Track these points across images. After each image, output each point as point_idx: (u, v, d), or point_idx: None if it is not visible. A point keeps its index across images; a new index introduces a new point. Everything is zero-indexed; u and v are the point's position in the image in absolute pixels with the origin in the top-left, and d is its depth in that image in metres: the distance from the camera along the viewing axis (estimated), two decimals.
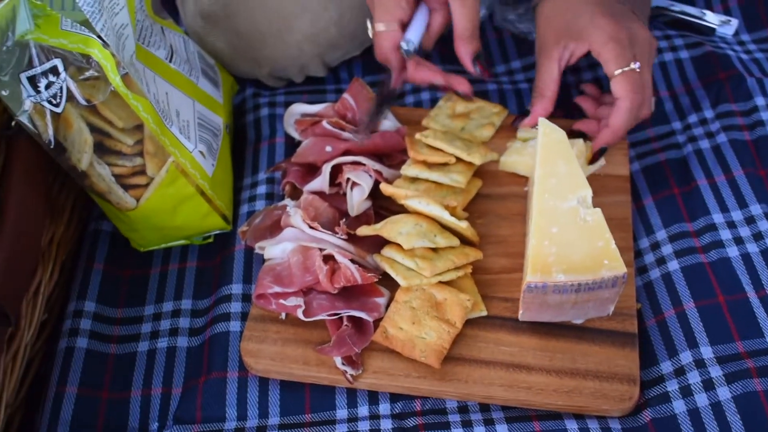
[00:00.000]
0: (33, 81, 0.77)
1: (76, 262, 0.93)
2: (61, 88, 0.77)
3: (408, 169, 0.90)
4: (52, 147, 0.80)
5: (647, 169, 0.92)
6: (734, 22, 1.04)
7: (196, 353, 0.85)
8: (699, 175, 0.89)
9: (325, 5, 0.99)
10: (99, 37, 0.76)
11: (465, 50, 0.91)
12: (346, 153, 0.91)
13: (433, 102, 1.01)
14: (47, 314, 0.88)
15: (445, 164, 0.90)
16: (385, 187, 0.86)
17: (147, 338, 0.86)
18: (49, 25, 0.75)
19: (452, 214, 0.83)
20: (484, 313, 0.82)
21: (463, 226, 0.82)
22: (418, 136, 0.92)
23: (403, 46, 0.90)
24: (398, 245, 0.82)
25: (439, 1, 0.90)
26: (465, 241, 0.85)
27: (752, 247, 0.83)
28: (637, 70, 0.83)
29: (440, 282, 0.82)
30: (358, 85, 0.97)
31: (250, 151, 0.99)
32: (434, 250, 0.83)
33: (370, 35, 0.92)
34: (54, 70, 0.77)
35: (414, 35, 0.90)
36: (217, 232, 0.93)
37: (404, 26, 0.91)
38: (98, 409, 0.81)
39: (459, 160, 0.91)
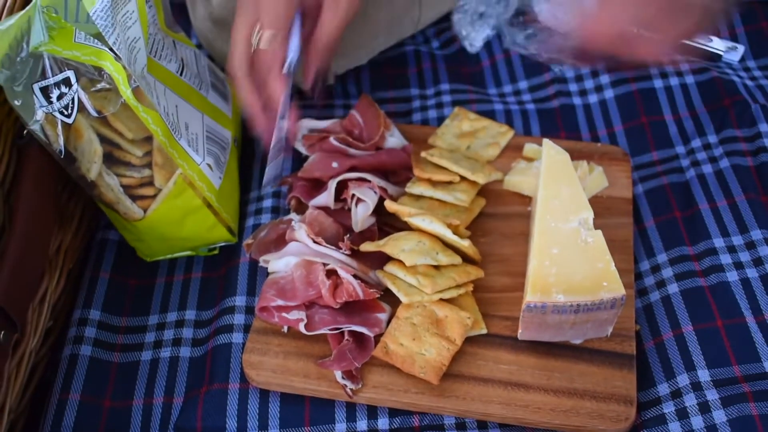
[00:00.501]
0: (45, 92, 0.78)
1: (82, 271, 0.94)
2: (72, 99, 0.79)
3: (412, 187, 0.91)
4: (62, 156, 0.81)
5: (650, 192, 0.93)
6: (740, 49, 1.05)
7: (198, 364, 0.85)
8: (701, 200, 0.90)
9: None
10: (111, 50, 0.77)
11: (315, 60, 0.87)
12: (352, 169, 0.92)
13: (440, 120, 1.02)
14: (53, 321, 0.89)
15: (449, 183, 0.91)
16: (389, 204, 0.87)
17: (150, 347, 0.87)
18: (62, 38, 0.77)
19: (455, 233, 0.84)
20: (484, 331, 0.82)
21: (465, 244, 0.83)
22: (423, 154, 0.93)
23: (286, 69, 0.82)
24: (401, 262, 0.83)
25: (314, 10, 0.84)
26: (467, 259, 0.86)
27: (752, 272, 0.84)
28: None
29: (441, 299, 0.83)
30: (366, 102, 0.98)
31: (258, 165, 1.00)
32: (436, 267, 0.84)
33: (254, 44, 0.84)
34: (66, 82, 0.78)
35: (294, 56, 0.83)
36: (223, 244, 0.94)
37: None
38: (100, 417, 0.82)
39: (463, 178, 0.92)
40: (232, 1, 0.98)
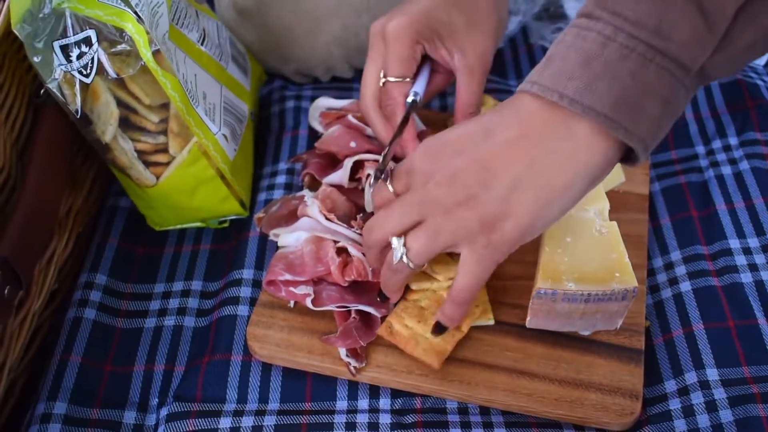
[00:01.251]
0: (65, 50, 0.78)
1: (91, 236, 0.93)
2: (92, 59, 0.78)
3: None
4: (78, 117, 0.81)
5: (667, 190, 0.92)
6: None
7: (202, 334, 0.85)
8: (718, 200, 0.89)
9: (359, 12, 1.00)
10: (134, 12, 0.77)
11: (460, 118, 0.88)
12: (368, 152, 0.91)
13: None
14: (58, 284, 0.89)
15: None
16: None
17: (155, 315, 0.87)
18: None
19: None
20: (492, 322, 0.81)
21: None
22: None
23: (411, 97, 0.84)
24: None
25: (444, 66, 0.86)
26: None
27: (766, 275, 0.82)
28: None
29: None
30: None
31: (273, 141, 1.00)
32: (451, 255, 0.83)
33: (380, 84, 0.86)
34: (87, 41, 0.78)
35: (420, 88, 0.85)
36: (234, 217, 0.93)
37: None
38: (100, 380, 0.82)
39: None
40: None
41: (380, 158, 0.84)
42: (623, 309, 0.76)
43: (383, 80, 0.84)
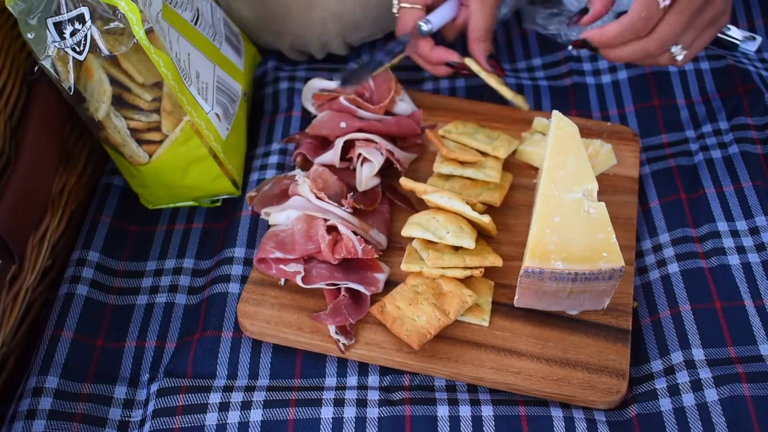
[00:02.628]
0: (59, 27, 0.78)
1: (84, 214, 0.94)
2: (85, 36, 0.79)
3: (440, 167, 0.91)
4: (71, 94, 0.81)
5: (657, 174, 0.92)
6: (758, 40, 1.04)
7: (193, 311, 0.85)
8: (707, 184, 0.90)
9: None
10: None
11: (478, 50, 0.94)
12: (360, 131, 0.92)
13: (451, 90, 1.02)
14: (51, 261, 0.89)
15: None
16: (405, 182, 0.86)
17: (146, 292, 0.88)
18: None
19: (473, 209, 0.83)
20: (486, 323, 0.81)
21: (485, 220, 0.82)
22: (441, 132, 0.93)
23: (422, 25, 0.92)
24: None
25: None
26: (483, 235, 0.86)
27: (753, 257, 0.83)
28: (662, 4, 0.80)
29: (453, 277, 0.82)
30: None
31: (266, 122, 1.00)
32: (455, 248, 0.83)
33: (395, 11, 0.93)
34: (80, 18, 0.78)
35: (435, 19, 0.92)
36: (226, 196, 0.94)
37: (429, 10, 0.92)
38: (92, 355, 0.82)
39: (486, 154, 0.91)
40: None
41: (371, 136, 0.85)
42: (610, 288, 0.77)
43: (397, 6, 0.93)
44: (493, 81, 0.95)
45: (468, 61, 0.95)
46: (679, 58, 0.84)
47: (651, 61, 0.85)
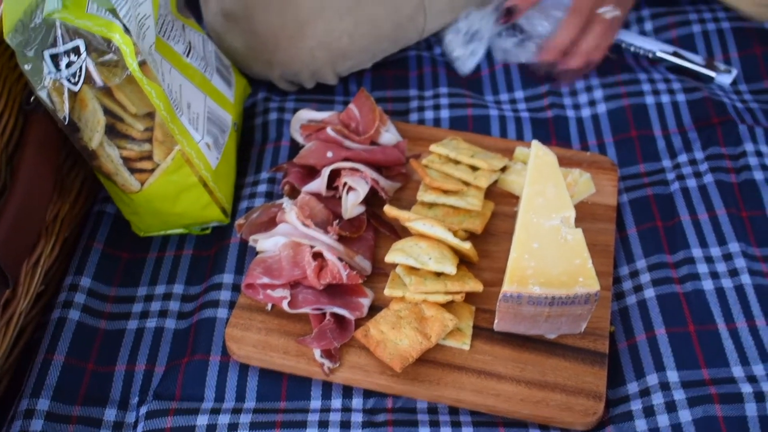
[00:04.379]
0: (55, 59, 0.81)
1: (77, 240, 0.96)
2: (80, 67, 0.81)
3: (424, 195, 0.93)
4: (66, 124, 0.84)
5: (634, 202, 0.95)
6: (733, 72, 1.08)
7: (182, 335, 0.88)
8: (683, 211, 0.93)
9: (341, 15, 1.03)
10: (122, 23, 0.80)
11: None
12: (346, 160, 0.94)
13: (436, 121, 1.05)
14: (44, 286, 0.91)
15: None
16: (389, 210, 0.89)
17: (137, 317, 0.90)
18: (76, 7, 0.80)
19: (455, 236, 0.86)
20: (466, 347, 0.83)
21: (466, 247, 0.85)
22: (425, 161, 0.96)
23: None
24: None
25: None
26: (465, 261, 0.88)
27: (727, 283, 0.86)
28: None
29: (435, 302, 0.84)
30: (364, 97, 1.01)
31: (256, 152, 1.03)
32: (437, 273, 0.85)
33: None
34: (76, 50, 0.81)
35: None
36: (215, 224, 0.96)
37: None
38: (82, 378, 0.84)
39: (469, 183, 0.94)
40: None
41: (356, 165, 0.88)
42: (587, 313, 0.79)
43: None
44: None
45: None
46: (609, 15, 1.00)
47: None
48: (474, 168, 0.95)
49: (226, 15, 1.06)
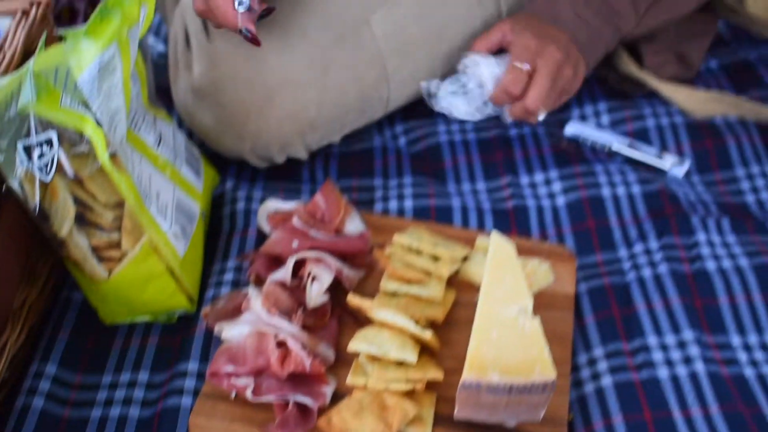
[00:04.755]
0: (28, 150, 0.83)
1: (43, 327, 0.97)
2: (52, 159, 0.84)
3: (387, 284, 0.96)
4: (36, 214, 0.86)
5: (592, 291, 0.98)
6: (686, 164, 1.12)
7: (146, 424, 0.88)
8: (639, 300, 0.95)
9: (307, 86, 1.06)
10: (94, 116, 0.83)
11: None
12: (311, 249, 0.97)
13: (400, 211, 1.08)
14: (9, 373, 0.92)
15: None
16: (351, 299, 0.91)
17: (101, 405, 0.90)
18: (49, 100, 0.82)
19: (417, 325, 0.88)
20: None
21: (427, 336, 0.87)
22: (388, 251, 0.98)
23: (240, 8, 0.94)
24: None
25: None
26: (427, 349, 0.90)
27: (682, 370, 0.88)
28: (523, 69, 1.03)
29: (397, 390, 0.86)
30: (329, 187, 1.04)
31: (223, 240, 1.05)
32: (399, 362, 0.87)
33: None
34: (49, 142, 0.83)
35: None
36: (182, 312, 0.97)
37: None
38: None
39: (431, 273, 0.96)
40: (213, 71, 1.05)
41: (321, 255, 0.90)
42: (544, 401, 0.81)
43: None
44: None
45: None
46: (540, 117, 1.06)
47: (530, 117, 1.07)
48: (436, 257, 0.98)
49: (196, 91, 1.08)
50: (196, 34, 1.07)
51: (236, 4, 0.93)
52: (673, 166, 1.12)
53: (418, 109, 1.21)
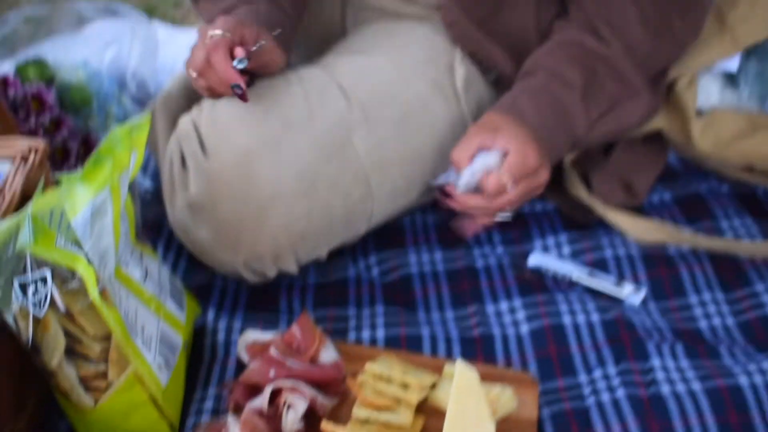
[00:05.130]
0: (23, 287, 0.89)
1: None
2: (45, 295, 0.90)
3: (359, 411, 1.00)
4: (29, 347, 0.91)
5: (554, 416, 1.03)
6: (642, 292, 1.19)
7: None
8: (598, 425, 1.01)
9: (298, 200, 1.12)
10: (86, 255, 0.89)
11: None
12: (287, 378, 1.02)
13: (372, 341, 1.14)
14: None
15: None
16: (325, 426, 0.96)
17: None
18: (45, 241, 0.89)
19: None
20: None
21: None
22: (360, 379, 1.04)
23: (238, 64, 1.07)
24: None
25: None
26: None
27: None
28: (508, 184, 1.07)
29: None
30: (305, 319, 1.10)
31: (204, 369, 1.10)
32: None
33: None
34: (43, 279, 0.89)
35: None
36: None
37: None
38: None
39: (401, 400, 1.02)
40: (209, 186, 1.11)
41: (296, 384, 0.95)
42: None
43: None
44: None
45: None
46: (505, 215, 1.12)
47: (490, 218, 1.13)
48: (406, 385, 1.03)
49: (193, 207, 1.13)
50: (193, 155, 1.13)
51: (236, 62, 1.06)
52: (630, 294, 1.19)
53: (393, 240, 1.30)
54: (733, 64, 1.41)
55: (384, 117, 1.19)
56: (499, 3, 1.24)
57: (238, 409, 1.02)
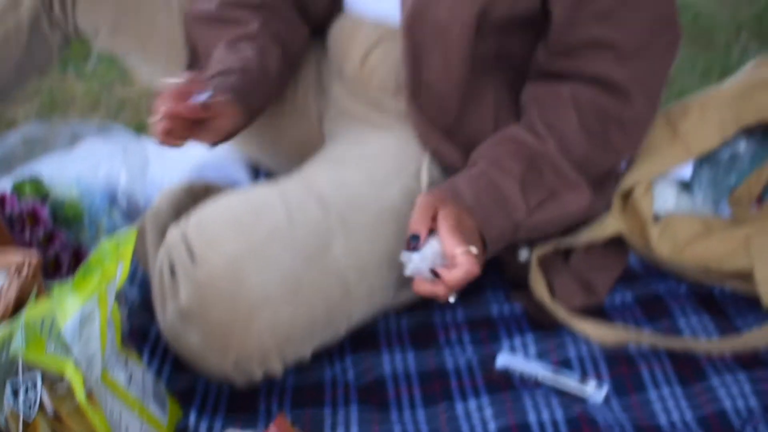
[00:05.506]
0: (15, 391, 0.96)
1: None
2: (35, 398, 0.96)
3: None
4: None
5: None
6: (604, 390, 1.25)
7: None
8: None
9: (283, 303, 1.17)
10: (74, 360, 0.96)
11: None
12: None
13: None
14: None
15: None
16: None
17: None
18: (36, 347, 0.95)
19: None
20: None
21: None
22: None
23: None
24: None
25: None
26: None
27: None
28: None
29: None
30: (282, 419, 1.15)
31: None
32: None
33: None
34: (33, 383, 0.96)
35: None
36: None
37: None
38: None
39: None
40: (199, 292, 1.16)
41: None
42: None
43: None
44: None
45: None
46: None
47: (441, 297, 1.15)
48: None
49: (184, 314, 1.18)
50: (182, 263, 1.19)
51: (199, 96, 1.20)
52: (593, 391, 1.25)
53: (368, 342, 1.36)
54: (686, 171, 1.50)
55: (360, 223, 1.28)
56: (461, 111, 1.34)
57: None
